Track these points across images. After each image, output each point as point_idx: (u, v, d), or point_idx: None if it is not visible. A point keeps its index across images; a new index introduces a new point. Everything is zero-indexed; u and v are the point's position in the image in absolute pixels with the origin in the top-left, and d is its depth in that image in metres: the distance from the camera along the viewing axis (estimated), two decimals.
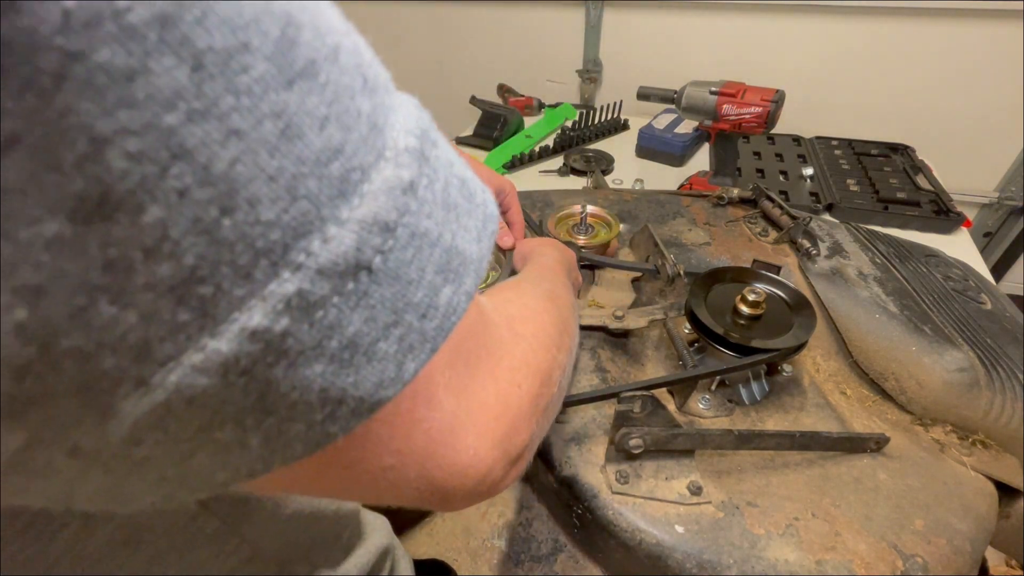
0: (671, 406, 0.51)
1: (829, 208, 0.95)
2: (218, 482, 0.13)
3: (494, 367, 0.22)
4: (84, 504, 0.13)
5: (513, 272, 0.54)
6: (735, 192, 0.77)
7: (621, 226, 0.68)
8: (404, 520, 0.50)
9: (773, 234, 0.70)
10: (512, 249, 0.59)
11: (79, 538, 0.19)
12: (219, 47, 0.09)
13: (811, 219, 0.69)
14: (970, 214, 1.34)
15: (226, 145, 0.09)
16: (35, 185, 0.08)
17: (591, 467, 0.44)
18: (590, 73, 1.45)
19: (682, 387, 0.52)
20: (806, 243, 0.65)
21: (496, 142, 1.21)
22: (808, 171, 1.04)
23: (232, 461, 0.12)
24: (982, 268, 0.79)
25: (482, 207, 0.17)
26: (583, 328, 0.56)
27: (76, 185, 0.08)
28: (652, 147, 1.16)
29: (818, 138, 1.19)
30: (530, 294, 0.31)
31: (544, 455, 0.46)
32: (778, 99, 0.83)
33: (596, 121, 1.27)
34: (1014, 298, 0.68)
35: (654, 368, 0.55)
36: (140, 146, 0.09)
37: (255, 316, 0.11)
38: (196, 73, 0.09)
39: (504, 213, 0.60)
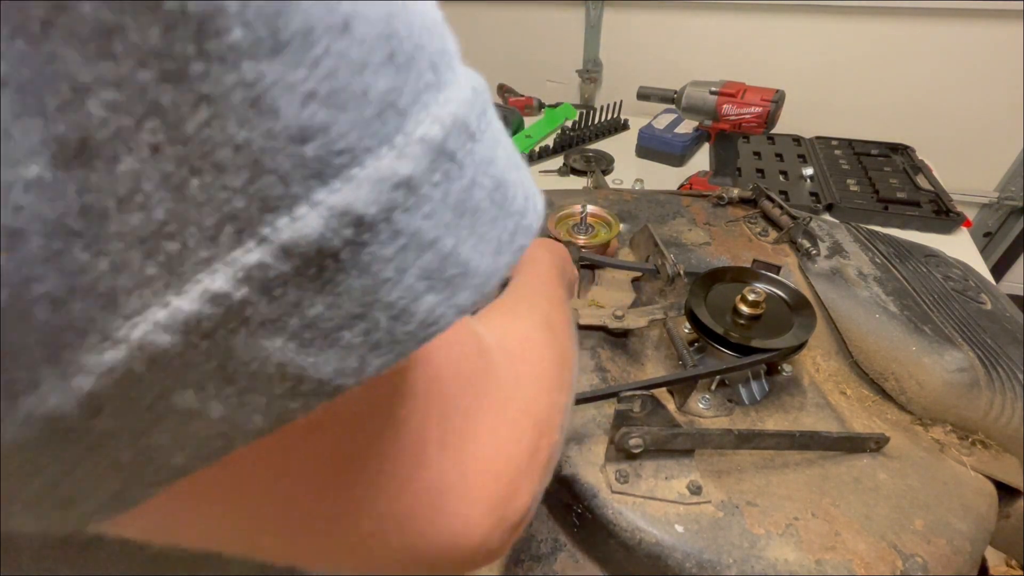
0: (671, 406, 0.51)
1: (829, 208, 0.95)
2: (176, 466, 0.12)
3: (496, 419, 0.20)
4: (20, 514, 0.12)
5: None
6: (735, 192, 0.77)
7: (621, 226, 0.68)
8: None
9: (773, 234, 0.70)
10: None
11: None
12: (192, 11, 0.09)
13: (811, 219, 0.69)
14: (970, 214, 1.34)
15: (196, 108, 0.09)
16: (19, 127, 0.09)
17: (591, 466, 0.44)
18: (590, 73, 1.45)
19: (682, 387, 0.52)
20: (806, 243, 0.65)
21: None
22: (808, 171, 1.04)
23: (192, 436, 0.12)
24: (982, 268, 0.79)
25: (517, 217, 0.15)
26: (583, 328, 0.56)
27: (58, 129, 0.09)
28: (652, 147, 1.16)
29: (818, 138, 1.19)
30: (529, 324, 0.29)
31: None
32: (778, 99, 0.83)
33: (596, 121, 1.28)
34: (1014, 298, 0.68)
35: (654, 368, 0.55)
36: (117, 97, 0.09)
37: (218, 280, 0.11)
38: (168, 34, 0.09)
39: None
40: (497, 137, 0.15)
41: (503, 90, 1.47)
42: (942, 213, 0.92)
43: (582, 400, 0.46)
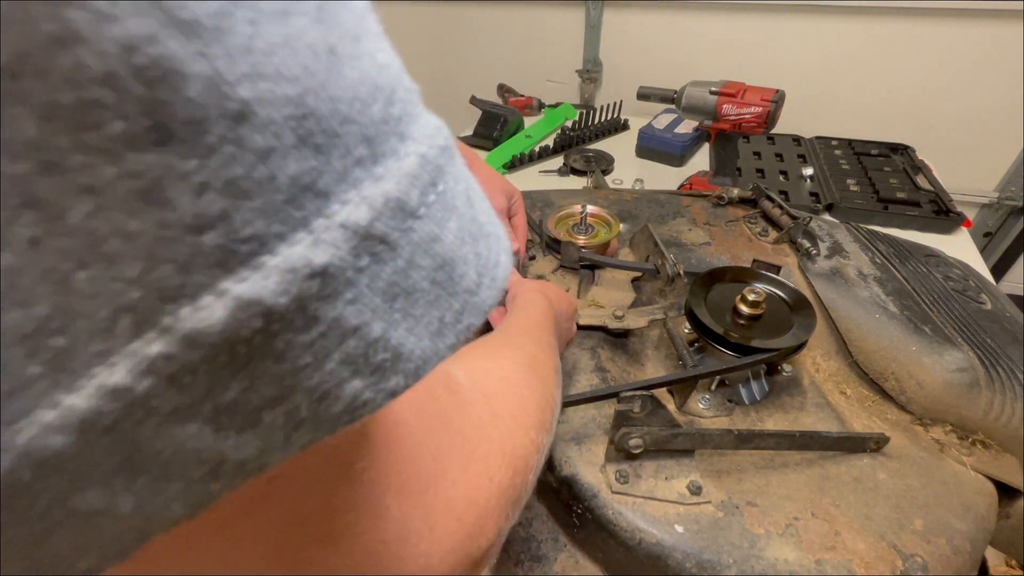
0: (671, 406, 0.51)
1: (829, 208, 0.95)
2: (81, 569, 0.11)
3: (468, 458, 0.20)
4: None
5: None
6: (735, 192, 0.77)
7: (621, 226, 0.68)
8: None
9: (773, 234, 0.70)
10: (519, 254, 0.61)
11: None
12: (66, 102, 0.09)
13: (811, 219, 0.69)
14: (970, 214, 1.34)
15: (79, 199, 0.09)
16: None
17: (591, 467, 0.44)
18: (590, 73, 1.45)
19: (682, 387, 0.52)
20: (806, 243, 0.65)
21: (496, 142, 1.21)
22: (808, 171, 1.04)
23: (98, 537, 0.11)
24: (982, 268, 0.79)
25: (465, 296, 0.14)
26: (583, 328, 0.56)
27: None
28: (652, 147, 1.17)
29: (818, 138, 1.19)
30: (510, 364, 0.29)
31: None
32: (778, 99, 0.83)
33: (596, 121, 1.28)
34: (1014, 298, 0.68)
35: (654, 368, 0.55)
36: None
37: (116, 373, 0.10)
38: (45, 125, 0.09)
39: (511, 218, 0.61)
40: (451, 206, 0.14)
41: (503, 90, 1.47)
42: (942, 213, 0.92)
43: (582, 400, 0.46)
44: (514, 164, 1.14)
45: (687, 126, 1.17)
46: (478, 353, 0.29)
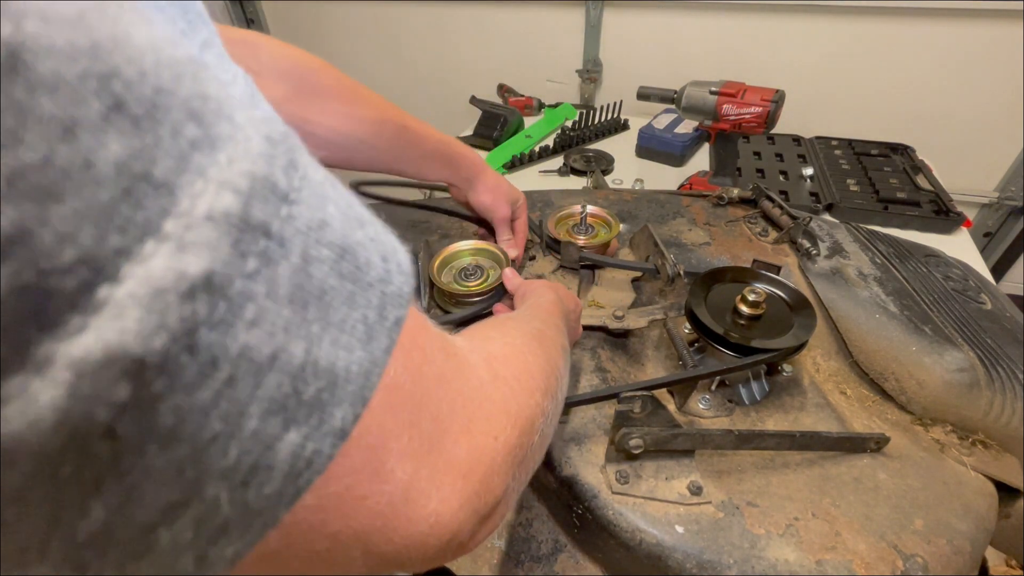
0: (671, 406, 0.51)
1: (829, 208, 0.95)
2: None
3: (470, 418, 0.19)
4: None
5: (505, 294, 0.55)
6: (735, 192, 0.77)
7: (621, 226, 0.68)
8: None
9: (773, 234, 0.70)
10: (516, 260, 0.61)
11: None
12: None
13: (811, 219, 0.69)
14: (970, 214, 1.34)
15: None
16: None
17: (591, 467, 0.44)
18: (590, 73, 1.45)
19: (682, 387, 0.52)
20: (806, 243, 0.65)
21: (496, 142, 1.21)
22: (808, 171, 1.04)
23: None
24: (982, 268, 0.79)
25: (380, 286, 0.12)
26: (583, 328, 0.56)
27: None
28: (652, 147, 1.17)
29: (818, 138, 1.19)
30: (515, 333, 0.29)
31: (544, 455, 0.46)
32: (778, 99, 0.83)
33: (596, 121, 1.28)
34: (1014, 298, 0.68)
35: (654, 368, 0.55)
36: None
37: None
38: None
39: (513, 222, 0.61)
40: (322, 192, 0.11)
41: (503, 90, 1.47)
42: (942, 213, 0.92)
43: (582, 401, 0.46)
44: (514, 164, 1.14)
45: (687, 126, 1.17)
46: (481, 327, 0.29)
